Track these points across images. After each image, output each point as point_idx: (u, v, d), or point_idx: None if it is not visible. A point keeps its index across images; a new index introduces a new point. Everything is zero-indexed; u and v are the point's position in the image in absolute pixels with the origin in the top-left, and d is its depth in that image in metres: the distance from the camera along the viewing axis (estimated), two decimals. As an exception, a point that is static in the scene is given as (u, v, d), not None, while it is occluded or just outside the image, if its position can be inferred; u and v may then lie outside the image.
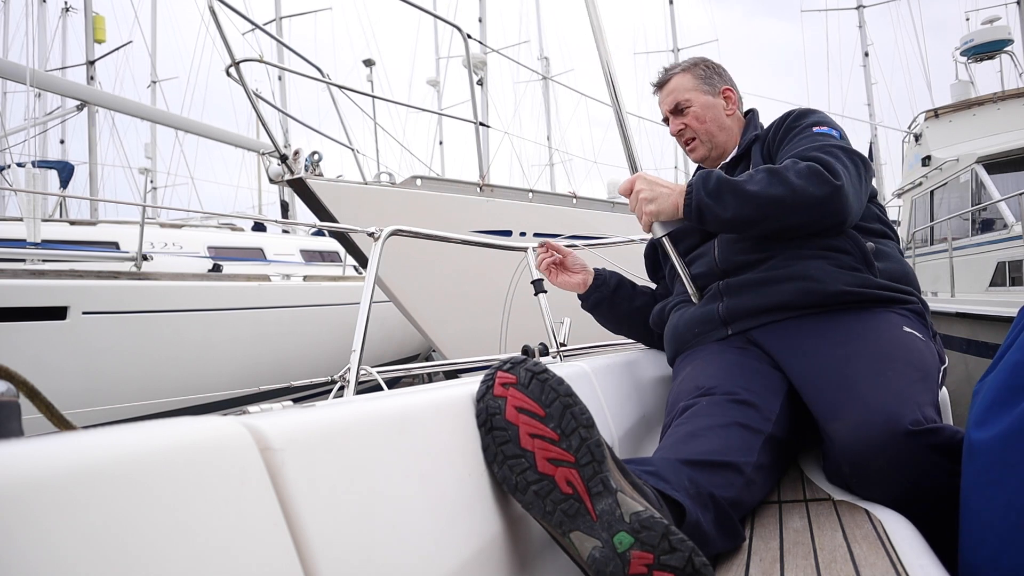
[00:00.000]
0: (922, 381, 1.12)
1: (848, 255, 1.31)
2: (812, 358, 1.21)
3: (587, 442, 0.75)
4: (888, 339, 1.19)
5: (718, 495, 0.95)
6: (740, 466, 1.02)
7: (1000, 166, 6.15)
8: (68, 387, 4.50)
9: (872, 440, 1.02)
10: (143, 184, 11.44)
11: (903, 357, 1.15)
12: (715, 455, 1.01)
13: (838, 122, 1.46)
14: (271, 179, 3.50)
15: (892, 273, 1.33)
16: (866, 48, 16.06)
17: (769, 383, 1.22)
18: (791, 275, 1.30)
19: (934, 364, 1.22)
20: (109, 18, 10.89)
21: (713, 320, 1.40)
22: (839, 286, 1.27)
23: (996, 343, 4.19)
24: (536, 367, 0.78)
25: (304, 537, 0.45)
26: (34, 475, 0.31)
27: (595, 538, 0.73)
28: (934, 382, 1.17)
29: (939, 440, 1.01)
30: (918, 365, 1.15)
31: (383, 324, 5.89)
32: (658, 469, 0.93)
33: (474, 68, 4.63)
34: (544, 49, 19.29)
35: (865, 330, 1.22)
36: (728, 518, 0.94)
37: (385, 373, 1.61)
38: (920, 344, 1.23)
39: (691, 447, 1.03)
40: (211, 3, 2.94)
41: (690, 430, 1.09)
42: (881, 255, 1.35)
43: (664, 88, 1.68)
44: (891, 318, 1.26)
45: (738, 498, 0.99)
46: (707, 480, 0.96)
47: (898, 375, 1.10)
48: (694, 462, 0.98)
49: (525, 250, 2.01)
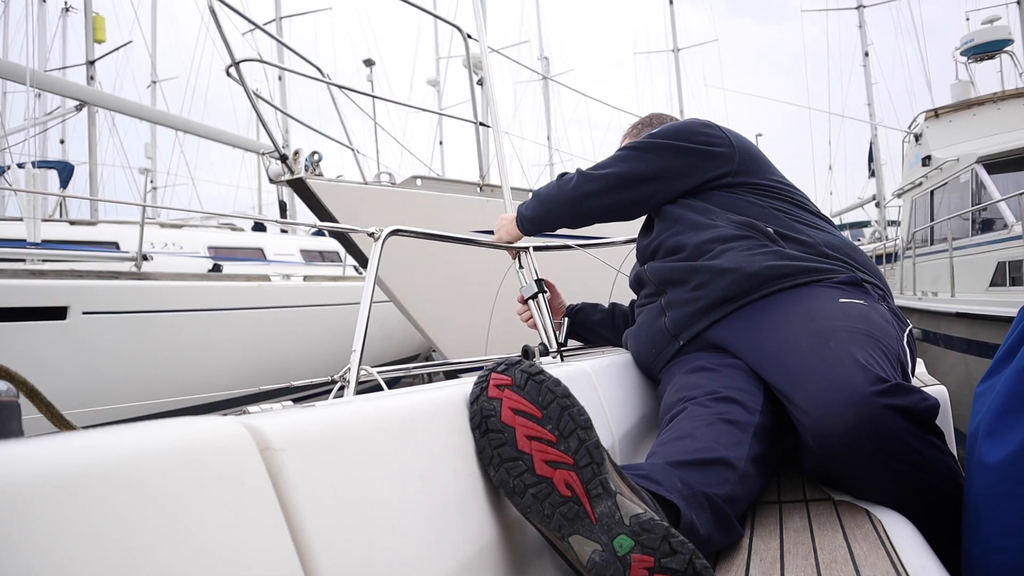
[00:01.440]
0: (872, 341, 1.10)
1: (751, 239, 1.37)
2: (762, 345, 1.22)
3: (586, 444, 0.74)
4: (826, 313, 1.19)
5: (712, 493, 0.93)
6: (731, 461, 1.00)
7: (1000, 166, 6.14)
8: (68, 387, 4.50)
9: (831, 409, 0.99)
10: (143, 184, 11.43)
11: (844, 325, 1.14)
12: (704, 453, 1.00)
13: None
14: (271, 179, 3.49)
15: (806, 246, 1.36)
16: (866, 48, 16.05)
17: (748, 377, 1.23)
18: (714, 272, 1.34)
19: (883, 325, 1.19)
20: (109, 18, 10.89)
21: (663, 334, 1.44)
22: (758, 266, 1.30)
23: (996, 343, 4.19)
24: (531, 368, 0.77)
25: (304, 537, 0.45)
26: (34, 475, 0.31)
27: (595, 541, 0.72)
28: (890, 341, 1.15)
29: (905, 401, 0.97)
30: (863, 329, 1.13)
31: (383, 324, 5.89)
32: (649, 472, 0.92)
33: (474, 68, 4.63)
34: (544, 49, 19.31)
35: (800, 309, 1.23)
36: (725, 516, 0.93)
37: (385, 373, 1.61)
38: (862, 309, 1.21)
39: (679, 447, 1.02)
40: (211, 3, 2.93)
41: (677, 434, 1.08)
42: (786, 235, 1.39)
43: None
44: (823, 292, 1.27)
45: (733, 494, 0.97)
46: (699, 479, 0.95)
47: (842, 343, 1.08)
48: (684, 463, 0.97)
49: (525, 250, 2.01)
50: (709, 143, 1.49)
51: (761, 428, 1.11)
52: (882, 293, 1.36)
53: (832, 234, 1.44)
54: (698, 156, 1.49)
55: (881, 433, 0.97)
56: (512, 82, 22.41)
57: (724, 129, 1.55)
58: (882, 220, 14.68)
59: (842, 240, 1.43)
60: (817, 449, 1.04)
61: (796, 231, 1.40)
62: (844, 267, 1.34)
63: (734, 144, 1.51)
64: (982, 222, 6.12)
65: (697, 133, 1.51)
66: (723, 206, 1.45)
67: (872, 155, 14.98)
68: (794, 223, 1.42)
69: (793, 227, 1.41)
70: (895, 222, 12.65)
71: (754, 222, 1.40)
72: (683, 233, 1.45)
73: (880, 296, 1.34)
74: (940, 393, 1.46)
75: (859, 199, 17.81)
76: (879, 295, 1.34)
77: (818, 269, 1.31)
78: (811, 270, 1.31)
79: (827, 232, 1.44)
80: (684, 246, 1.43)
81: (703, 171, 1.49)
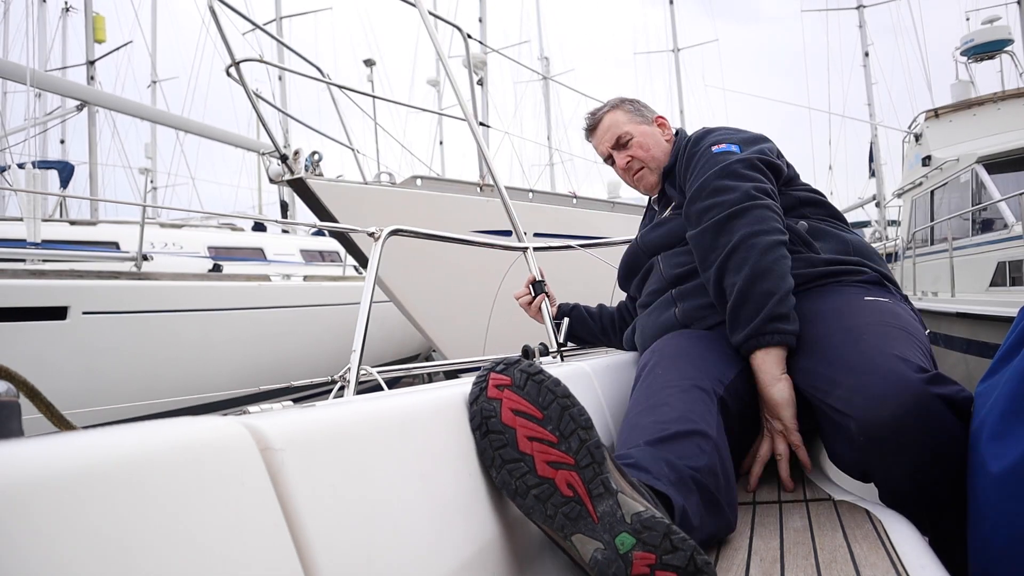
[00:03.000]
0: (906, 335, 1.11)
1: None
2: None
3: (587, 443, 0.74)
4: (854, 310, 1.19)
5: (694, 467, 0.94)
6: (705, 431, 1.01)
7: (1000, 166, 6.14)
8: (68, 387, 4.50)
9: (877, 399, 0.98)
10: (143, 184, 11.43)
11: (877, 320, 1.14)
12: (680, 424, 1.01)
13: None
14: (271, 179, 3.50)
15: (835, 248, 1.36)
16: (866, 48, 16.04)
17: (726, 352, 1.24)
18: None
19: (911, 321, 1.20)
20: (109, 18, 10.89)
21: (672, 326, 1.43)
22: None
23: (996, 343, 4.19)
24: (531, 368, 0.77)
25: (304, 537, 0.45)
26: (34, 475, 0.31)
27: (597, 540, 0.72)
28: (921, 336, 1.16)
29: (949, 391, 0.97)
30: (894, 323, 1.14)
31: (383, 324, 5.89)
32: (638, 460, 0.93)
33: (474, 68, 4.63)
34: (544, 49, 19.30)
35: (827, 308, 1.23)
36: (713, 499, 0.94)
37: (385, 373, 1.61)
38: (889, 305, 1.22)
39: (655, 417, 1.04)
40: (211, 3, 2.93)
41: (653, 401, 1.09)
42: (818, 234, 1.38)
43: (599, 128, 1.70)
44: (847, 291, 1.27)
45: (711, 464, 0.97)
46: (678, 452, 0.96)
47: (878, 336, 1.08)
48: (663, 439, 0.98)
49: (525, 250, 2.01)
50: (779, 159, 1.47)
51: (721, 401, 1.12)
52: (902, 295, 1.37)
53: (856, 236, 1.44)
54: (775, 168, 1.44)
55: (928, 419, 0.96)
56: (512, 82, 22.41)
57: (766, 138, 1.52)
58: (882, 220, 14.69)
59: (863, 242, 1.44)
60: (862, 439, 1.01)
61: (829, 229, 1.41)
62: (866, 268, 1.35)
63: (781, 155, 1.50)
64: (982, 222, 6.12)
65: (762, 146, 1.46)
66: None
67: (872, 155, 14.98)
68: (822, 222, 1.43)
69: (822, 226, 1.41)
70: (895, 222, 12.65)
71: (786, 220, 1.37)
72: None
73: (902, 296, 1.35)
74: None
75: (859, 199, 17.81)
76: (901, 296, 1.35)
77: (844, 271, 1.32)
78: (835, 273, 1.31)
79: (851, 233, 1.44)
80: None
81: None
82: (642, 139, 1.65)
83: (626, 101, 1.73)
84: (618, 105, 1.71)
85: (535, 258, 2.00)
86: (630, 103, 1.72)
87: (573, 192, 5.27)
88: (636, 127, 1.67)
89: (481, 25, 12.55)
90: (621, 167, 1.68)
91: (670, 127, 1.72)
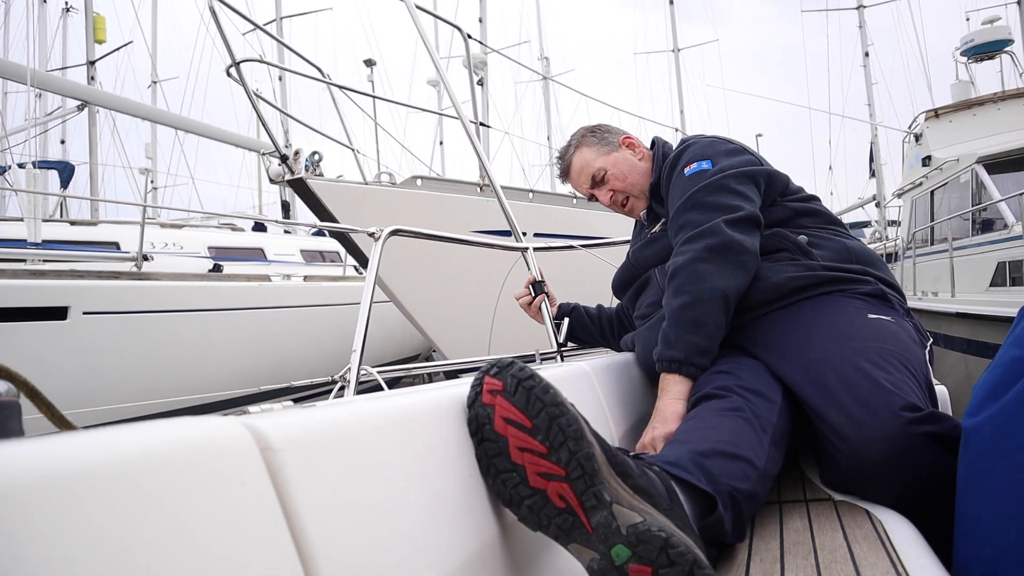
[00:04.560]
0: (903, 364, 1.11)
1: (783, 251, 1.35)
2: (788, 352, 1.21)
3: (576, 455, 0.72)
4: (856, 331, 1.19)
5: (735, 488, 0.93)
6: (752, 460, 1.01)
7: (1000, 166, 6.15)
8: (68, 387, 4.50)
9: (867, 434, 1.01)
10: (143, 184, 11.44)
11: (875, 347, 1.14)
12: (728, 447, 1.00)
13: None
14: (271, 179, 3.49)
15: (835, 256, 1.35)
16: (866, 48, 16.05)
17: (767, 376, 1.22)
18: None
19: (911, 345, 1.20)
20: (109, 18, 10.89)
21: None
22: (784, 276, 1.29)
23: (996, 343, 4.19)
24: (522, 372, 0.75)
25: (304, 537, 0.45)
26: (34, 475, 0.31)
27: (593, 550, 0.71)
28: (918, 364, 1.16)
29: (939, 429, 0.99)
30: (893, 351, 1.14)
31: (383, 324, 5.89)
32: (678, 460, 0.92)
33: (474, 68, 4.63)
34: (544, 49, 19.29)
35: (827, 321, 1.22)
36: (741, 518, 0.94)
37: (385, 373, 1.61)
38: (891, 328, 1.21)
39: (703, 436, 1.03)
40: (211, 3, 2.94)
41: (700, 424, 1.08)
42: (818, 243, 1.37)
43: (571, 172, 1.69)
44: (848, 305, 1.26)
45: (753, 491, 0.98)
46: (722, 470, 0.95)
47: (876, 365, 1.09)
48: (709, 452, 0.97)
49: (525, 250, 2.01)
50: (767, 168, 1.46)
51: (779, 431, 1.12)
52: (905, 307, 1.36)
53: (857, 241, 1.43)
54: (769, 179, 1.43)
55: (914, 459, 0.99)
56: (512, 82, 22.41)
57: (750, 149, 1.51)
58: (882, 220, 14.69)
59: (865, 248, 1.43)
60: (849, 471, 1.05)
61: (826, 237, 1.39)
62: (870, 277, 1.34)
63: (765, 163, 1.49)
64: (982, 222, 6.12)
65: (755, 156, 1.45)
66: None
67: (872, 155, 14.99)
68: (820, 231, 1.41)
69: (823, 234, 1.40)
70: (895, 222, 12.66)
71: (782, 231, 1.38)
72: None
73: (905, 311, 1.34)
74: (940, 393, 1.46)
75: (859, 199, 17.82)
76: (904, 310, 1.34)
77: (843, 279, 1.31)
78: (835, 280, 1.30)
79: (851, 239, 1.43)
80: None
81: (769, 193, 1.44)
82: (616, 170, 1.63)
83: (589, 133, 1.68)
84: (581, 141, 1.67)
85: (535, 258, 2.00)
86: (592, 134, 1.68)
87: (573, 192, 5.27)
88: (606, 159, 1.64)
89: (481, 25, 12.55)
90: (607, 204, 1.68)
91: (640, 144, 1.69)
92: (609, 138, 1.66)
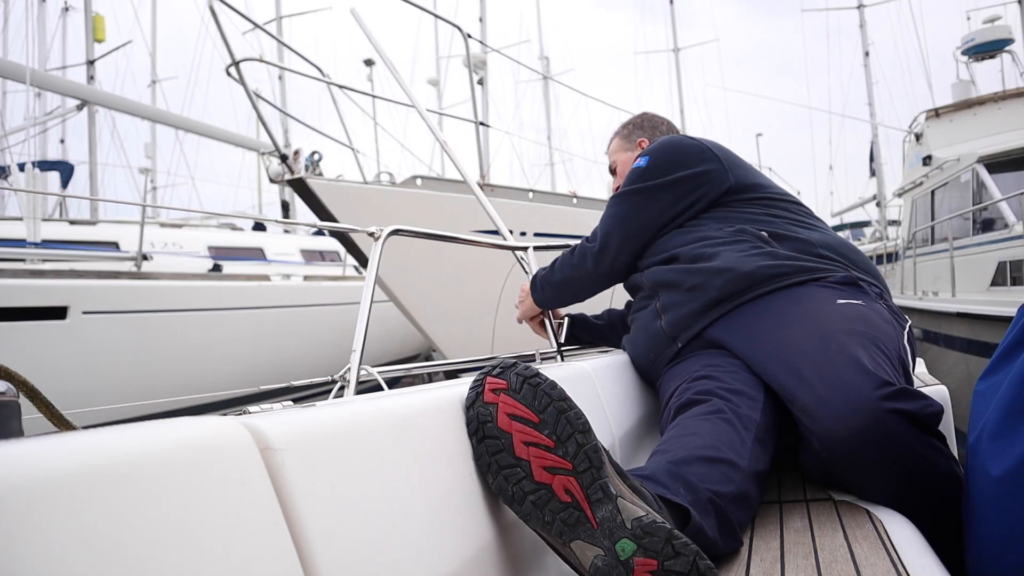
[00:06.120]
0: (873, 343, 1.10)
1: (744, 243, 1.38)
2: (762, 344, 1.22)
3: (584, 448, 0.73)
4: (825, 315, 1.19)
5: (717, 492, 0.92)
6: (735, 461, 1.00)
7: (1001, 166, 6.14)
8: (68, 387, 4.49)
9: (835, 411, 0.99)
10: (143, 184, 11.42)
11: (843, 328, 1.13)
12: (709, 451, 0.99)
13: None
14: (271, 179, 3.50)
15: (800, 248, 1.37)
16: (867, 48, 16.05)
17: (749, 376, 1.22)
18: (709, 273, 1.35)
19: (882, 325, 1.19)
20: (109, 18, 10.88)
21: (660, 337, 1.44)
22: (752, 266, 1.31)
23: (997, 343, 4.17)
24: (527, 371, 0.75)
25: (304, 537, 0.45)
26: (34, 475, 0.31)
27: (597, 546, 0.71)
28: (890, 343, 1.15)
29: (911, 406, 0.97)
30: (863, 331, 1.13)
31: (383, 324, 5.89)
32: (653, 474, 0.91)
33: (474, 68, 4.63)
34: (544, 48, 19.31)
35: (799, 309, 1.23)
36: (728, 522, 0.92)
37: (385, 373, 1.61)
38: (860, 309, 1.21)
39: (683, 444, 1.02)
40: (211, 3, 2.94)
41: (681, 432, 1.07)
42: (781, 236, 1.40)
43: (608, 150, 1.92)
44: (819, 292, 1.27)
45: (738, 492, 0.96)
46: (703, 475, 0.94)
47: (843, 345, 1.08)
48: (688, 459, 0.96)
49: (525, 250, 2.01)
50: (700, 169, 1.49)
51: (763, 427, 1.11)
52: (879, 291, 1.36)
53: (827, 233, 1.45)
54: (693, 186, 1.49)
55: (885, 437, 0.97)
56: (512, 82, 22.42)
57: (708, 144, 1.54)
58: (883, 220, 14.69)
59: (837, 239, 1.44)
60: (822, 451, 1.04)
61: (790, 232, 1.41)
62: (840, 266, 1.34)
63: (722, 161, 1.51)
64: (983, 222, 6.11)
65: (686, 160, 1.50)
66: (715, 218, 1.48)
67: (873, 155, 14.99)
68: (788, 225, 1.43)
69: (787, 228, 1.42)
70: (896, 222, 12.66)
71: (746, 228, 1.41)
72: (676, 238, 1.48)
73: (877, 294, 1.34)
74: (941, 393, 1.46)
75: (860, 199, 17.83)
76: (876, 293, 1.34)
77: (813, 268, 1.32)
78: (806, 269, 1.31)
79: (822, 232, 1.45)
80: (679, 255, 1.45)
81: (703, 199, 1.49)
82: (623, 168, 1.81)
83: (627, 125, 1.89)
84: (620, 131, 1.89)
85: (535, 258, 2.00)
86: (628, 127, 1.88)
87: (573, 192, 5.27)
88: (621, 155, 1.84)
89: (481, 25, 12.56)
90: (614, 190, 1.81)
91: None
92: (633, 137, 1.85)
